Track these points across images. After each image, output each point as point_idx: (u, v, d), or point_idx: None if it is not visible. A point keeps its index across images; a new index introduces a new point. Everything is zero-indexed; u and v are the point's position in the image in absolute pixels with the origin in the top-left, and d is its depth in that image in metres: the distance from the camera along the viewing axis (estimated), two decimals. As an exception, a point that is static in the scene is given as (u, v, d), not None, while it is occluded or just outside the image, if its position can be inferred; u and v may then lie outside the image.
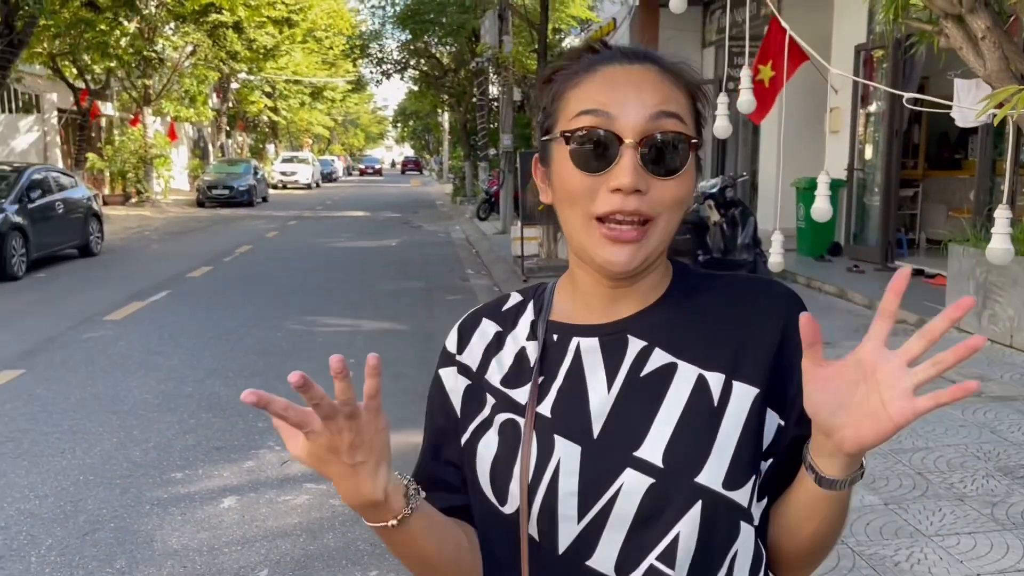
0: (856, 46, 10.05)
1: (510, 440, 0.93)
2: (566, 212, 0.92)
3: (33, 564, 3.34)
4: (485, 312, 1.04)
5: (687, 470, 0.86)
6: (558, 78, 0.94)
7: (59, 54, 20.27)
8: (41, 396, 5.55)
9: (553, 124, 0.93)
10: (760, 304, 0.94)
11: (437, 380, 1.03)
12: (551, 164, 0.93)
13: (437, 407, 1.02)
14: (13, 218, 10.66)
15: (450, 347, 1.03)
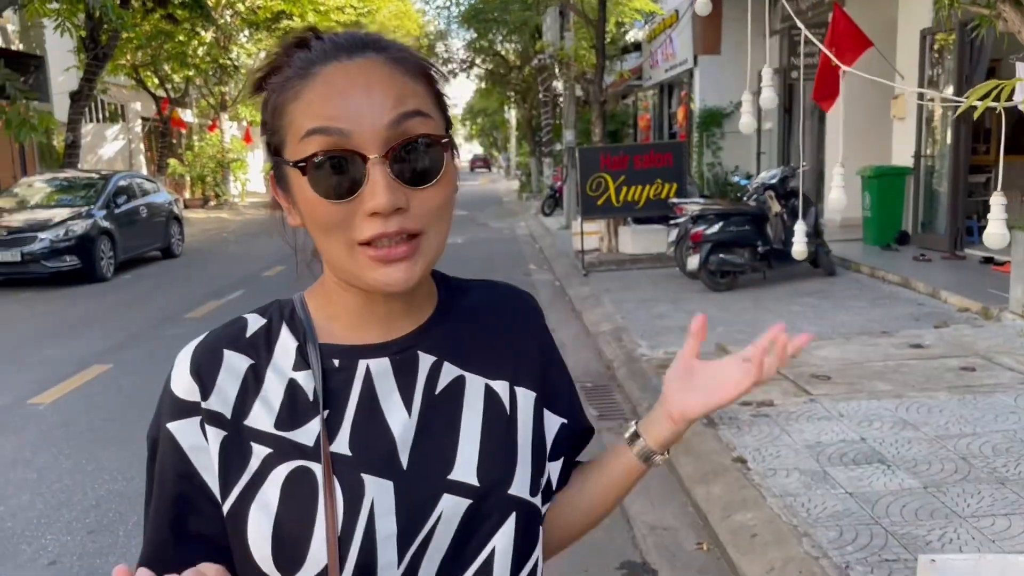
0: (922, 30, 9.86)
1: (302, 493, 0.80)
2: (321, 241, 0.82)
3: (120, 537, 3.67)
4: (223, 342, 0.86)
5: (501, 484, 0.85)
6: (270, 87, 0.83)
7: (141, 65, 21.24)
8: (127, 388, 5.98)
9: (281, 144, 0.82)
10: (519, 311, 0.97)
11: (166, 439, 0.84)
12: (291, 189, 0.82)
13: (169, 474, 0.83)
14: (101, 223, 11.32)
15: (183, 393, 0.84)
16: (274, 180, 0.86)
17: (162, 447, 0.84)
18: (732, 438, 4.28)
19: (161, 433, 0.85)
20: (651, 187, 10.20)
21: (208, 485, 0.82)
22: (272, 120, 0.83)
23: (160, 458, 0.85)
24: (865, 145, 11.27)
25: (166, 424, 0.84)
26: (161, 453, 0.85)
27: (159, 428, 0.85)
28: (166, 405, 0.85)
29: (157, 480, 0.85)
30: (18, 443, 4.89)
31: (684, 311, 7.51)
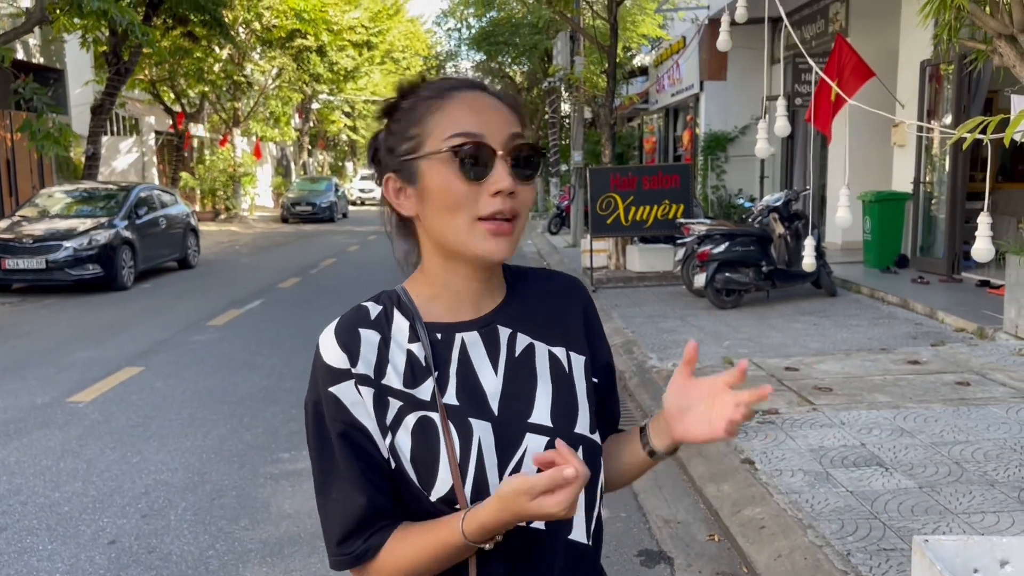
0: (922, 61, 10.22)
1: (426, 436, 1.05)
2: (445, 219, 1.06)
3: (172, 521, 3.95)
4: (356, 323, 1.10)
5: (569, 425, 1.11)
6: (411, 103, 1.10)
7: (158, 80, 21.65)
8: (161, 389, 6.26)
9: (419, 145, 1.07)
10: (569, 292, 1.22)
11: (329, 400, 1.07)
12: (421, 180, 1.07)
13: (338, 425, 1.07)
14: (123, 233, 11.65)
15: (337, 363, 1.07)
16: (391, 178, 1.11)
17: (327, 407, 1.07)
18: (740, 442, 4.57)
19: (324, 396, 1.07)
20: (659, 207, 10.53)
21: (368, 429, 1.06)
22: (411, 127, 1.09)
23: (328, 415, 1.07)
24: (866, 171, 11.63)
25: (328, 388, 1.07)
26: (328, 411, 1.07)
27: (319, 393, 1.08)
28: (322, 375, 1.08)
29: (333, 434, 1.07)
30: (64, 437, 5.17)
31: (692, 326, 7.80)
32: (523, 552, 1.07)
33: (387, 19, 31.81)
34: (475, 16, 23.87)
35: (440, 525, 1.04)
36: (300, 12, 22.93)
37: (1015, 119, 1.99)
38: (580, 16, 14.11)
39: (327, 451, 1.08)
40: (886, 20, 11.34)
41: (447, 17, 26.78)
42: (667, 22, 18.50)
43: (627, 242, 11.87)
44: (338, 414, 1.06)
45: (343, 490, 1.07)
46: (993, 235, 2.54)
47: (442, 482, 1.04)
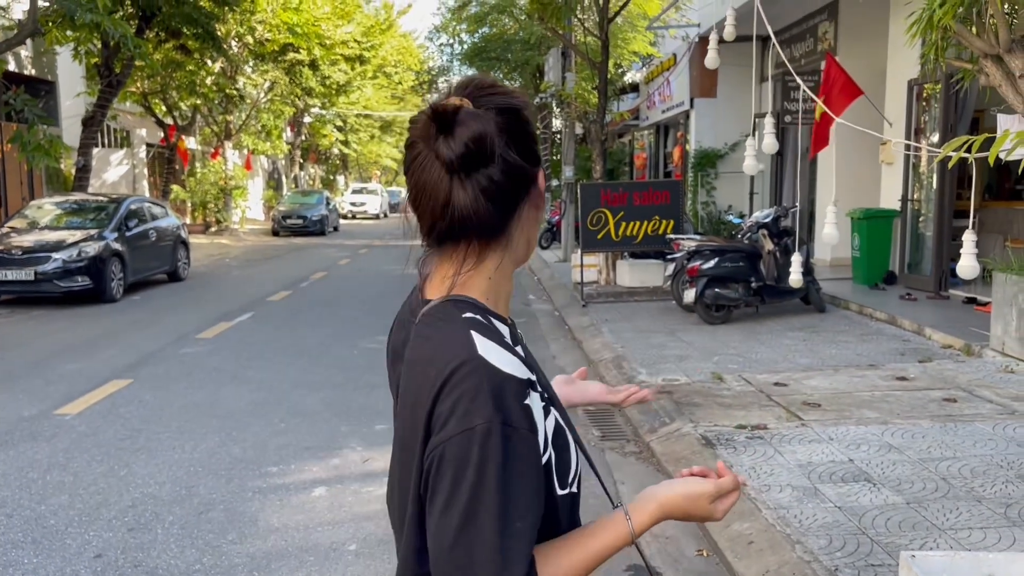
0: (909, 80, 10.32)
1: (558, 427, 1.10)
2: (535, 230, 1.18)
3: (160, 535, 3.93)
4: (496, 334, 1.07)
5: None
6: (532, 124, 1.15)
7: (150, 92, 21.66)
8: (149, 402, 6.23)
9: (538, 162, 1.15)
10: None
11: (525, 415, 1.02)
12: (536, 188, 1.14)
13: (534, 441, 1.02)
14: (113, 245, 11.61)
15: (521, 373, 1.03)
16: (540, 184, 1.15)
17: (523, 422, 1.00)
18: (729, 458, 4.58)
19: (516, 412, 1.00)
20: (649, 223, 10.58)
21: (540, 442, 1.04)
22: (535, 148, 1.14)
23: (524, 430, 1.00)
24: (855, 188, 11.72)
25: (524, 402, 1.01)
26: (523, 427, 1.00)
27: (510, 410, 0.99)
28: (512, 389, 1.00)
29: (521, 451, 0.99)
30: (51, 450, 5.14)
31: (681, 341, 7.83)
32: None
33: (380, 34, 31.94)
34: (467, 32, 23.99)
35: (601, 531, 1.10)
36: (293, 26, 23.00)
37: (999, 138, 2.02)
38: (572, 33, 14.20)
39: (518, 476, 0.99)
40: (874, 39, 11.46)
41: (439, 32, 26.89)
42: (658, 39, 18.64)
43: (617, 257, 11.91)
44: (531, 428, 1.01)
45: (529, 518, 1.00)
46: (979, 253, 2.58)
47: (573, 470, 1.09)
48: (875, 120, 10.41)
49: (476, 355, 1.01)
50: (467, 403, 0.99)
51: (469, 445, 0.97)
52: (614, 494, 4.36)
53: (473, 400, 0.98)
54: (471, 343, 1.02)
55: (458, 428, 0.98)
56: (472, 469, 0.97)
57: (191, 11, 16.20)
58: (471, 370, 1.00)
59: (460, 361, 1.01)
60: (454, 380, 1.00)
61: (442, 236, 1.09)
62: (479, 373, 1.00)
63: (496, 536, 0.96)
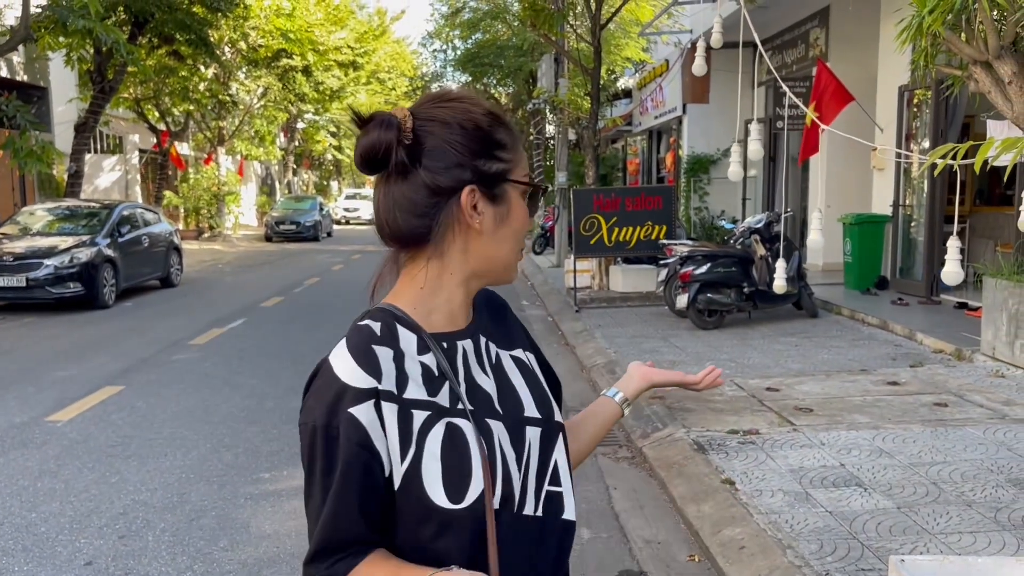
0: (900, 86, 10.38)
1: (456, 442, 1.07)
2: (507, 243, 1.16)
3: (150, 542, 3.92)
4: (368, 341, 1.09)
5: (551, 414, 1.22)
6: (507, 132, 1.16)
7: (143, 98, 21.63)
8: (141, 408, 6.22)
9: (509, 170, 1.14)
10: (499, 302, 1.32)
11: (347, 422, 1.04)
12: (507, 202, 1.15)
13: (353, 448, 1.04)
14: (105, 251, 11.59)
15: (359, 382, 1.05)
16: (475, 190, 1.12)
17: (344, 429, 1.04)
18: (721, 462, 4.59)
19: (341, 419, 1.04)
20: (642, 228, 10.60)
21: (379, 452, 1.05)
22: (508, 151, 1.15)
23: (343, 437, 1.04)
24: (847, 194, 11.78)
25: (347, 410, 1.04)
26: (344, 434, 1.04)
27: (334, 415, 1.05)
28: (339, 396, 1.05)
29: (342, 457, 1.04)
30: (41, 457, 5.12)
31: (674, 347, 7.84)
32: (527, 539, 1.14)
33: (373, 40, 31.96)
34: (460, 38, 24.03)
35: (413, 571, 1.07)
36: (286, 32, 23.01)
37: (985, 145, 2.04)
38: (564, 39, 14.24)
39: (331, 475, 1.05)
40: (865, 45, 11.52)
41: (433, 39, 26.94)
42: (650, 46, 18.69)
43: (610, 262, 11.93)
44: (355, 436, 1.04)
45: (335, 513, 1.05)
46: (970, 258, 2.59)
47: (474, 488, 1.07)
48: (866, 126, 10.47)
49: (327, 359, 1.09)
50: (310, 401, 1.09)
51: (306, 435, 1.08)
52: (605, 500, 4.37)
53: (312, 398, 1.08)
54: (336, 348, 1.10)
55: (301, 419, 1.09)
56: (306, 458, 1.08)
57: (184, 17, 16.19)
58: (318, 372, 1.10)
59: (320, 362, 1.10)
60: (314, 380, 1.10)
61: (382, 239, 1.17)
62: (322, 376, 1.09)
63: (311, 519, 1.09)
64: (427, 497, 1.06)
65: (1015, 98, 4.06)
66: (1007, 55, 3.91)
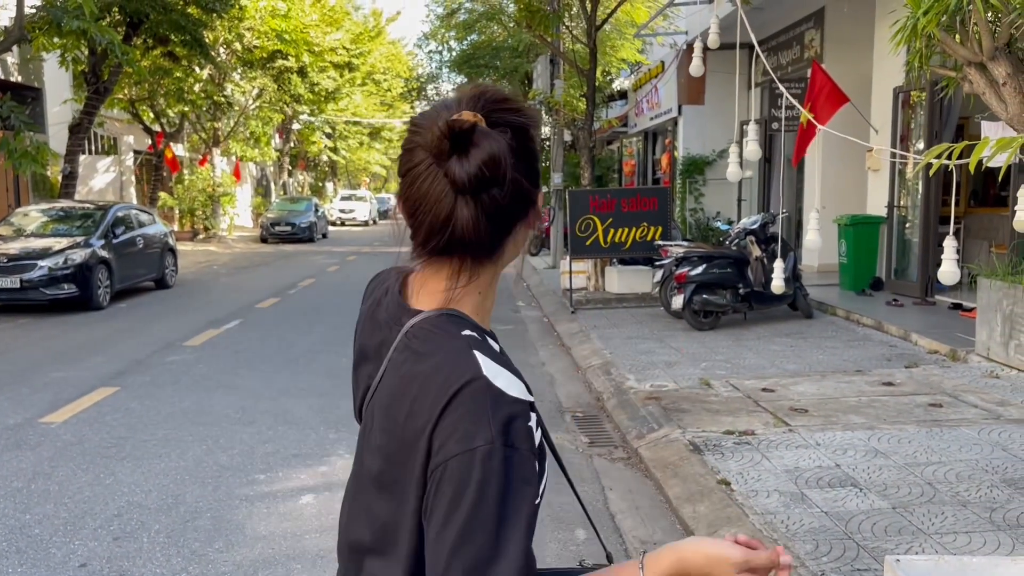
0: (895, 88, 10.40)
1: (542, 440, 1.09)
2: (523, 244, 1.16)
3: (145, 544, 3.90)
4: (496, 354, 1.07)
5: None
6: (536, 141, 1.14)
7: (138, 100, 21.59)
8: (136, 410, 6.20)
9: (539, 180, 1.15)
10: None
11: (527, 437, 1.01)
12: (534, 208, 1.13)
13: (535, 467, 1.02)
14: (100, 252, 11.55)
15: (524, 395, 1.03)
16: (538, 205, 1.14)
17: (524, 443, 0.99)
18: (717, 463, 4.59)
19: (521, 433, 0.99)
20: (637, 230, 10.61)
21: (543, 461, 1.07)
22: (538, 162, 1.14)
23: (521, 456, 0.98)
24: (842, 195, 11.80)
25: (528, 424, 1.00)
26: (527, 448, 0.99)
27: (513, 432, 0.99)
28: (516, 412, 1.00)
29: (527, 473, 0.99)
30: (35, 459, 5.10)
31: (669, 348, 7.85)
32: None
33: (368, 41, 31.96)
34: (456, 39, 24.03)
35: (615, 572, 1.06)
36: (281, 33, 22.98)
37: (979, 145, 2.04)
38: (560, 40, 14.25)
39: (518, 497, 0.98)
40: (860, 47, 11.55)
41: (428, 40, 26.92)
42: (646, 47, 18.72)
43: (606, 264, 11.93)
44: (534, 448, 1.01)
45: (523, 541, 0.97)
46: (965, 258, 2.60)
47: (544, 483, 1.09)
48: (861, 127, 10.48)
49: (481, 375, 1.00)
50: (469, 424, 0.98)
51: (471, 465, 0.96)
52: (600, 500, 4.36)
53: (476, 421, 0.98)
54: (475, 363, 1.02)
55: (460, 448, 0.97)
56: (472, 489, 0.96)
57: (179, 18, 16.15)
58: (476, 390, 1.00)
59: (465, 380, 1.00)
60: (459, 399, 0.99)
61: (437, 250, 1.07)
62: (484, 394, 0.99)
63: (491, 551, 0.95)
64: None
65: (1009, 99, 4.07)
66: (1001, 56, 3.92)
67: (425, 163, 1.03)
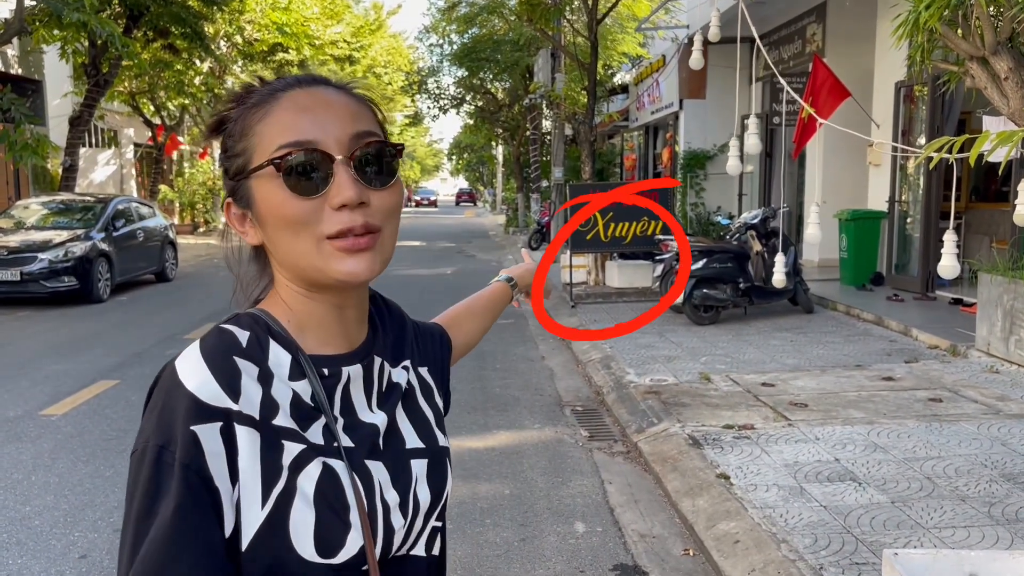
0: (896, 82, 10.38)
1: (333, 485, 0.89)
2: (289, 241, 0.90)
3: (145, 536, 3.91)
4: (230, 351, 0.88)
5: (432, 438, 1.05)
6: (236, 114, 0.94)
7: (138, 92, 21.56)
8: (136, 403, 6.20)
9: (247, 162, 0.91)
10: (400, 314, 1.13)
11: (187, 442, 0.82)
12: (255, 203, 0.92)
13: (192, 477, 0.82)
14: (100, 245, 11.55)
15: (210, 397, 0.84)
16: (231, 204, 0.95)
17: (181, 450, 0.82)
18: (716, 457, 4.59)
19: (180, 436, 0.83)
20: (638, 224, 10.60)
21: (219, 491, 0.84)
22: (237, 142, 0.92)
23: (179, 459, 0.82)
24: (843, 189, 11.79)
25: (190, 427, 0.83)
26: (180, 455, 0.82)
27: (171, 431, 0.83)
28: (184, 409, 0.83)
29: (175, 487, 0.81)
30: (36, 451, 5.11)
31: (670, 342, 7.85)
32: None
33: (369, 34, 31.87)
34: (457, 32, 24.00)
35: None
36: (282, 26, 22.92)
37: (980, 138, 2.04)
38: (561, 34, 14.23)
39: (152, 513, 0.82)
40: (862, 41, 11.53)
41: (429, 33, 26.90)
42: (647, 41, 18.68)
43: (606, 258, 11.93)
44: (191, 460, 0.82)
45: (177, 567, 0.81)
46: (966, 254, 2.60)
47: (352, 541, 0.89)
48: (863, 121, 10.46)
49: (172, 364, 0.88)
50: (145, 419, 0.87)
51: (134, 463, 0.85)
52: (600, 494, 4.37)
53: (148, 415, 0.87)
54: (184, 351, 0.89)
55: (134, 445, 0.86)
56: (127, 496, 0.85)
57: (179, 10, 16.11)
58: (159, 380, 0.88)
59: (162, 369, 0.89)
60: (153, 392, 0.89)
61: None
62: (163, 385, 0.87)
63: None
64: (293, 549, 0.86)
65: (1011, 94, 4.07)
66: (1003, 51, 3.92)
67: None
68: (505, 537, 3.89)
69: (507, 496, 4.37)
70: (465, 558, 3.67)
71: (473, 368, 7.22)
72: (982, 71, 4.05)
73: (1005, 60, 3.89)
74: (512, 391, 6.54)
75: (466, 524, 4.01)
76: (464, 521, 4.04)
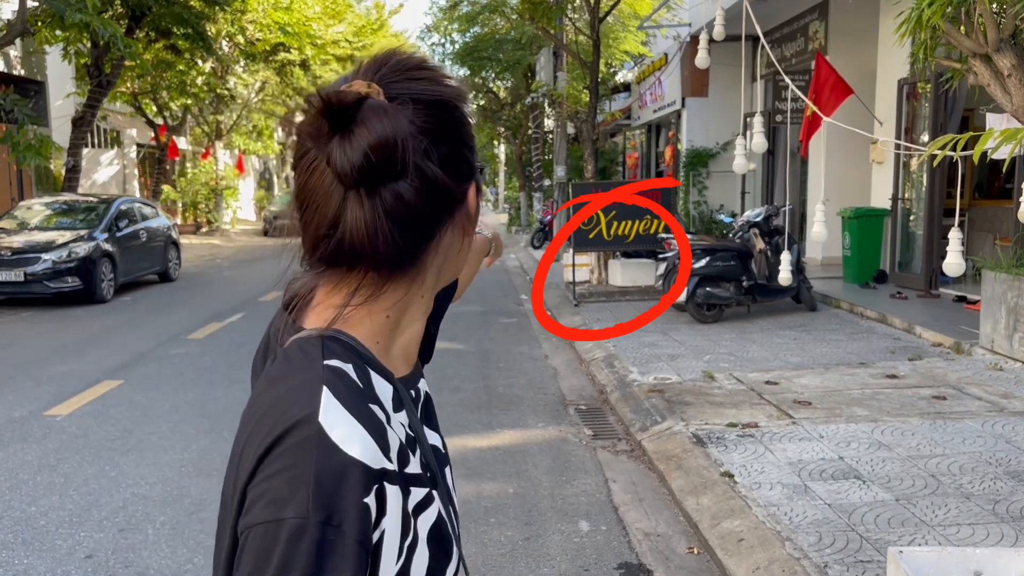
0: (899, 80, 10.36)
1: (438, 520, 0.84)
2: (462, 256, 0.91)
3: (150, 535, 3.92)
4: (364, 398, 0.80)
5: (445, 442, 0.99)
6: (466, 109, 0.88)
7: (141, 93, 21.59)
8: (140, 403, 6.21)
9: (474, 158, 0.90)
10: None
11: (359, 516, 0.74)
12: (466, 203, 0.88)
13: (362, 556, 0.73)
14: (103, 246, 11.57)
15: (374, 462, 0.76)
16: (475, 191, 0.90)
17: (355, 525, 0.73)
18: (720, 456, 4.59)
19: (351, 510, 0.73)
20: (641, 222, 10.60)
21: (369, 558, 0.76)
22: (471, 137, 0.88)
23: (353, 537, 0.73)
24: (846, 187, 11.77)
25: (363, 500, 0.74)
26: (355, 532, 0.73)
27: (336, 504, 0.73)
28: (353, 479, 0.74)
29: (351, 562, 0.73)
30: (41, 451, 5.12)
31: (673, 341, 7.85)
32: None
33: (371, 34, 31.86)
34: (459, 31, 23.99)
35: None
36: (284, 26, 22.94)
37: (984, 136, 2.04)
38: (563, 32, 14.22)
39: None
40: (864, 38, 11.51)
41: (431, 32, 26.87)
42: (649, 39, 18.67)
43: (609, 257, 11.93)
44: (364, 536, 0.74)
45: None
46: (970, 251, 2.60)
47: (450, 572, 0.85)
48: (866, 119, 10.46)
49: (314, 420, 0.75)
50: (283, 484, 0.73)
51: (275, 540, 0.72)
52: (604, 492, 4.37)
53: (293, 482, 0.73)
54: (314, 401, 0.76)
55: (266, 515, 0.73)
56: (271, 571, 0.71)
57: (181, 11, 16.14)
58: (302, 440, 0.74)
59: (292, 423, 0.75)
60: (280, 448, 0.74)
61: (327, 259, 0.83)
62: (310, 447, 0.74)
63: None
64: None
65: (1014, 91, 4.06)
66: (1006, 48, 3.91)
67: (311, 152, 0.81)
68: (510, 536, 3.90)
69: (511, 495, 4.38)
70: (470, 557, 3.68)
71: (477, 367, 7.23)
72: (985, 68, 4.04)
73: (1008, 57, 3.88)
74: (516, 390, 6.55)
75: (471, 523, 4.02)
76: (468, 520, 4.05)
